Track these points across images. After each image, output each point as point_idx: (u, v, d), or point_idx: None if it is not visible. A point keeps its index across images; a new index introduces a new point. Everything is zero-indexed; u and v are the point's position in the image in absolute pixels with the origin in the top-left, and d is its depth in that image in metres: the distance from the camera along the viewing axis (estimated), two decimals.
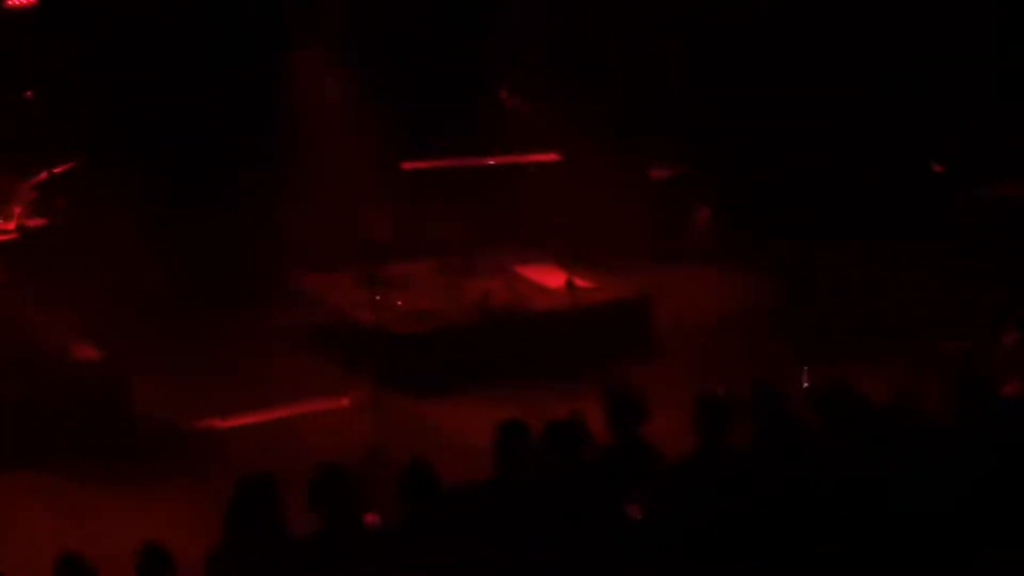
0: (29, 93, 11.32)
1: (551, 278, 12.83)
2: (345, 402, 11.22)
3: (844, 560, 6.79)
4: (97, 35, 12.37)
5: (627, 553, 6.83)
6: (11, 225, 10.92)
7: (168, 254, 12.19)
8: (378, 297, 10.33)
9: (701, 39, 14.31)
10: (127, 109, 12.62)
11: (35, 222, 11.07)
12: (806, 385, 7.94)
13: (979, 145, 13.61)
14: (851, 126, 13.82)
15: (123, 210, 11.99)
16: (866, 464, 7.17)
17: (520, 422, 7.20)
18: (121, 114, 12.60)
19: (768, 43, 14.05)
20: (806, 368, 8.12)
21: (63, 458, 10.11)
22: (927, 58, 13.66)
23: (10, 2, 11.76)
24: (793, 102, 13.77)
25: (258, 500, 6.67)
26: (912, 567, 6.82)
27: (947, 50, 13.62)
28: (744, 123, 14.18)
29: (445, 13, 13.70)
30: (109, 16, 12.31)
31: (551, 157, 12.43)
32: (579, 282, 12.66)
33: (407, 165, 12.35)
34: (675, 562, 6.78)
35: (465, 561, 6.48)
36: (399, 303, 12.02)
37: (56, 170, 11.20)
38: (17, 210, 10.96)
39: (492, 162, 12.35)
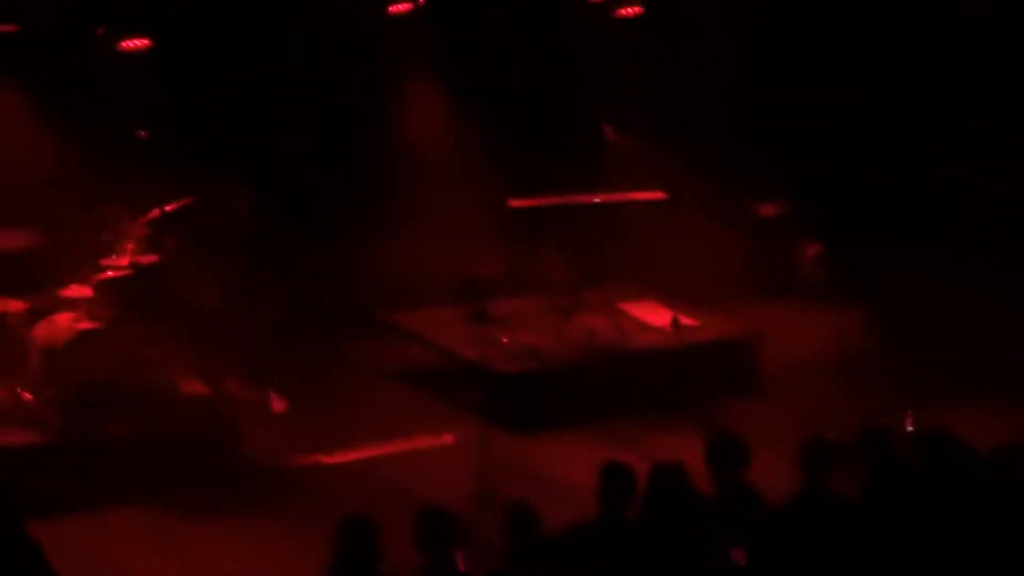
0: (143, 132, 11.47)
1: (656, 315, 12.81)
2: (449, 439, 11.27)
3: None
4: (209, 76, 12.59)
5: None
6: (124, 261, 10.93)
7: (274, 290, 12.44)
8: (484, 334, 10.29)
9: (805, 73, 14.30)
10: (237, 148, 12.82)
11: (147, 258, 11.08)
12: (910, 429, 7.77)
13: None
14: (964, 164, 13.70)
15: (231, 247, 12.20)
16: (971, 511, 7.12)
17: (624, 465, 7.19)
18: (230, 153, 12.77)
19: (879, 81, 14.07)
20: (909, 412, 7.98)
21: (168, 493, 10.21)
22: None
23: (125, 45, 12.01)
24: (906, 139, 13.75)
25: (359, 540, 6.72)
26: None
27: None
28: (853, 159, 14.14)
29: (552, 49, 13.79)
30: (221, 58, 12.51)
31: (656, 195, 12.40)
32: (684, 320, 12.64)
33: (514, 202, 12.33)
34: None
35: None
36: (504, 340, 12.04)
37: (167, 208, 11.24)
38: (130, 247, 10.99)
39: (598, 200, 12.31)
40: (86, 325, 10.73)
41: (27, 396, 10.73)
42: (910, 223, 13.47)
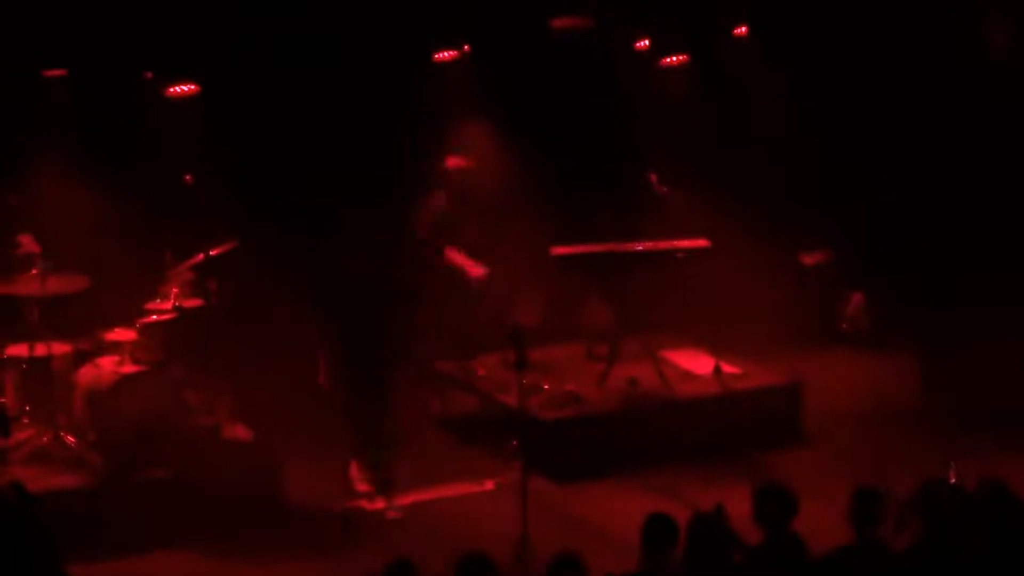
0: (189, 177, 11.46)
1: (699, 363, 12.77)
2: (490, 486, 11.28)
3: None
4: (256, 121, 12.53)
5: None
6: (168, 305, 10.92)
7: (316, 335, 12.03)
8: (525, 381, 10.32)
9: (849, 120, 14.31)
10: (282, 194, 12.84)
11: (191, 302, 11.09)
12: (953, 481, 7.70)
13: None
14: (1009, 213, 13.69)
15: (275, 292, 12.17)
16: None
17: (666, 516, 7.15)
18: (276, 199, 12.84)
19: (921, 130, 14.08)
20: (952, 463, 7.92)
21: (211, 538, 10.21)
22: None
23: (173, 90, 12.12)
24: (953, 188, 13.75)
25: None
26: None
27: None
28: (897, 206, 14.12)
29: (596, 97, 13.82)
30: (269, 104, 12.55)
31: (700, 243, 12.34)
32: (727, 368, 12.61)
33: (557, 250, 12.29)
34: None
35: None
36: (546, 387, 12.06)
37: (212, 252, 11.27)
38: (175, 291, 10.99)
39: (641, 247, 12.25)
40: (130, 369, 10.75)
41: (71, 439, 10.79)
42: (955, 272, 13.40)
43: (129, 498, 10.39)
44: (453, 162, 12.60)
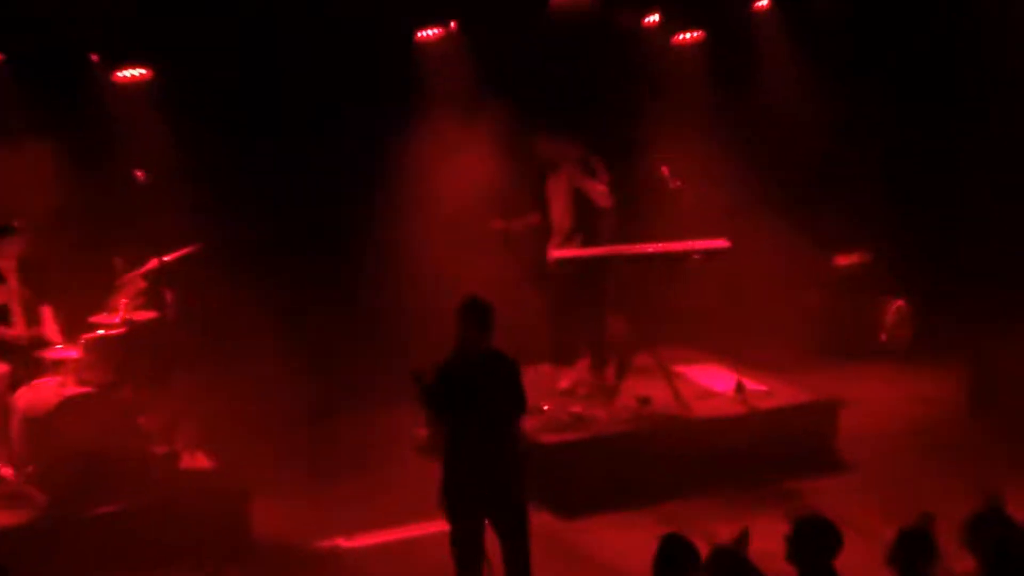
0: (141, 173, 11.34)
1: (719, 380, 12.77)
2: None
3: None
4: (217, 109, 12.61)
5: None
6: (117, 318, 10.86)
7: (289, 352, 12.40)
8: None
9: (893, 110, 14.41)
10: (250, 190, 12.87)
11: (144, 315, 11.04)
12: (1007, 514, 7.67)
13: None
14: None
15: (239, 303, 12.18)
16: None
17: (683, 538, 7.18)
18: (241, 195, 12.83)
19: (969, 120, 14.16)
20: (1005, 495, 7.91)
21: (169, 574, 10.17)
22: None
23: (120, 77, 12.11)
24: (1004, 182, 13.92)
25: None
26: None
27: None
28: (943, 203, 14.29)
29: (596, 79, 13.88)
30: (231, 89, 12.59)
31: (719, 243, 12.19)
32: (751, 385, 12.57)
33: (555, 252, 12.29)
34: None
35: None
36: (545, 407, 11.95)
37: (167, 258, 11.18)
38: (123, 302, 10.92)
39: (651, 249, 12.17)
40: (73, 391, 10.69)
41: (6, 471, 10.71)
42: (1009, 279, 13.50)
43: (74, 538, 10.31)
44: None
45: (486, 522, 9.02)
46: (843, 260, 15.09)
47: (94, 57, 12.09)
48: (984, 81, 14.20)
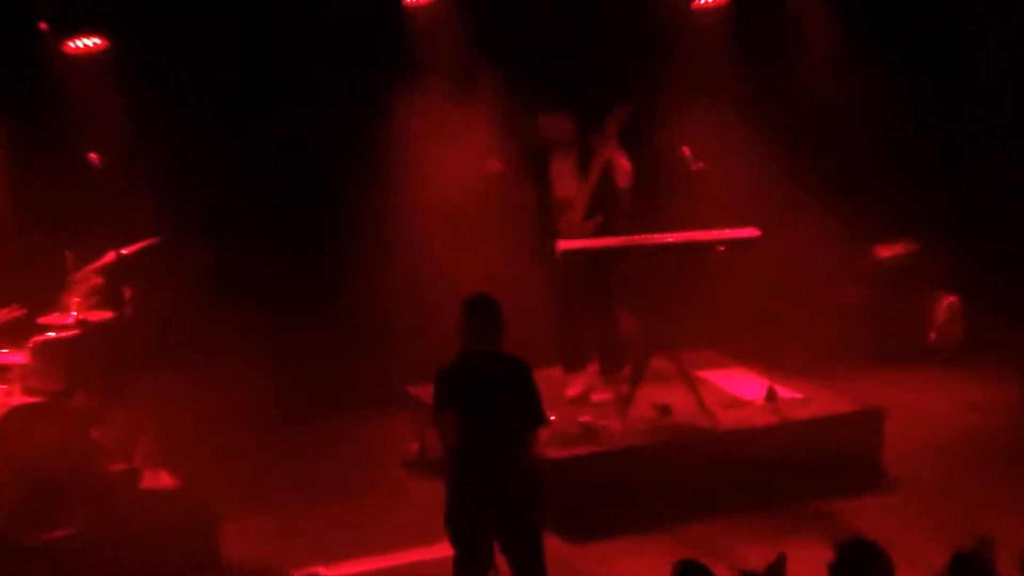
0: (95, 156, 11.14)
1: (747, 387, 12.51)
2: None
3: None
4: (180, 84, 12.56)
5: None
6: (69, 318, 10.55)
7: (264, 355, 12.18)
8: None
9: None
10: (215, 177, 12.72)
11: (99, 315, 10.73)
12: None
13: None
14: None
15: (206, 301, 12.00)
16: None
17: (699, 564, 6.85)
18: (207, 183, 12.71)
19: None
20: None
21: None
22: None
23: (71, 47, 11.88)
24: None
25: None
26: None
27: None
28: (998, 184, 14.16)
29: (609, 47, 13.68)
30: (196, 61, 12.43)
31: (748, 232, 11.81)
32: (783, 392, 12.26)
33: (564, 243, 11.87)
34: None
35: None
36: (552, 417, 11.08)
37: (125, 251, 10.91)
38: (76, 300, 10.62)
39: (671, 240, 11.74)
40: (21, 400, 10.47)
41: None
42: None
43: (24, 564, 10.02)
44: None
45: (495, 546, 8.59)
46: (885, 251, 14.81)
47: (43, 26, 11.86)
48: None
